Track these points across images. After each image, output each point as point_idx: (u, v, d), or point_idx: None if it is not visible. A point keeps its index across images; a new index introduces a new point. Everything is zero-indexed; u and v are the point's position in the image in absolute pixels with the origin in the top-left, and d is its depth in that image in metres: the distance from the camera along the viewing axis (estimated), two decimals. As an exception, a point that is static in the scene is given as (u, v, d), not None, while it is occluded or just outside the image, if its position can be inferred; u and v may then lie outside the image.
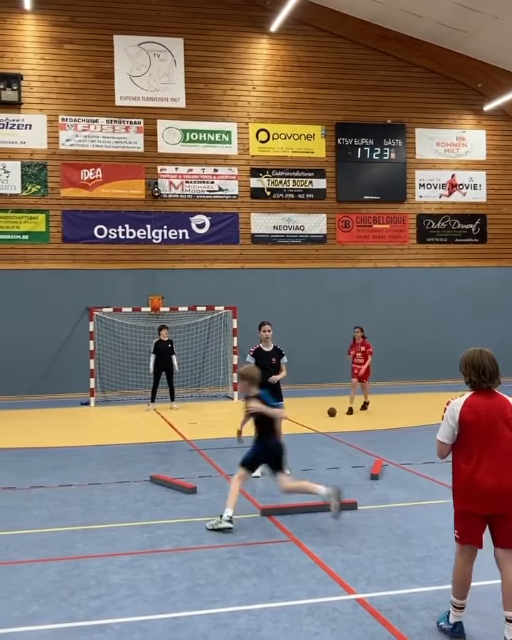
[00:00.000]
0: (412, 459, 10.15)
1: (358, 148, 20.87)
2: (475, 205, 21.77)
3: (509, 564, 4.55)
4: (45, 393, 18.52)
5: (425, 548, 6.34)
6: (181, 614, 5.06)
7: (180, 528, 7.09)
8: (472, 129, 21.72)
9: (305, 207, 20.56)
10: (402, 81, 21.13)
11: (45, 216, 18.99)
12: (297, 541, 6.60)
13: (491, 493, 4.46)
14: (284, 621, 4.89)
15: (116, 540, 6.75)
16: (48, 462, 10.57)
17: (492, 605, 5.03)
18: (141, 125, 19.60)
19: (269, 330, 9.54)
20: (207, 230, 19.89)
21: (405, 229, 21.29)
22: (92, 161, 19.27)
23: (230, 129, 20.13)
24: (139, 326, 18.74)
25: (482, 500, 4.49)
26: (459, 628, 4.62)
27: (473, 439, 4.56)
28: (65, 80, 19.22)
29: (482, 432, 4.54)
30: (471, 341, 22.30)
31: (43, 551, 6.49)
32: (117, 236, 19.33)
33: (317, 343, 19.96)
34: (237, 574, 5.80)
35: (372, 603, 5.15)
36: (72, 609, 5.20)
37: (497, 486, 4.46)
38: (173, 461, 10.34)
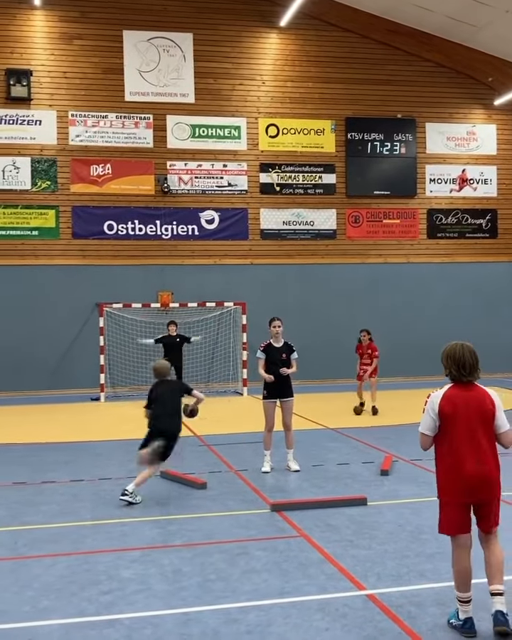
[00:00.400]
0: (422, 455, 10.06)
1: (368, 143, 20.80)
2: (486, 199, 21.67)
3: (491, 545, 4.73)
4: (55, 389, 18.57)
5: (436, 544, 6.32)
6: (191, 609, 5.05)
7: (190, 523, 7.10)
8: (483, 123, 21.61)
9: (315, 202, 20.51)
10: (412, 75, 21.04)
11: (55, 212, 19.01)
12: (307, 537, 6.59)
13: (473, 482, 4.58)
14: (294, 617, 4.88)
15: (127, 535, 6.76)
16: (59, 457, 10.60)
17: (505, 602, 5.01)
18: (150, 120, 19.59)
19: (279, 325, 9.52)
20: (216, 225, 19.88)
21: (415, 224, 21.22)
22: (102, 157, 19.28)
23: (239, 124, 20.10)
24: (148, 321, 18.75)
25: (465, 490, 4.60)
26: (470, 624, 4.60)
27: (454, 430, 4.66)
28: (75, 76, 19.23)
29: (462, 424, 4.65)
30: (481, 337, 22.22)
31: (53, 546, 6.50)
32: (127, 232, 19.35)
33: (327, 338, 19.92)
34: (248, 569, 5.80)
35: (382, 599, 5.14)
36: (82, 603, 5.20)
37: (479, 475, 4.58)
38: (183, 457, 10.33)
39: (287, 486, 8.73)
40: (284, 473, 9.23)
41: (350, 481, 8.74)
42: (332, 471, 9.27)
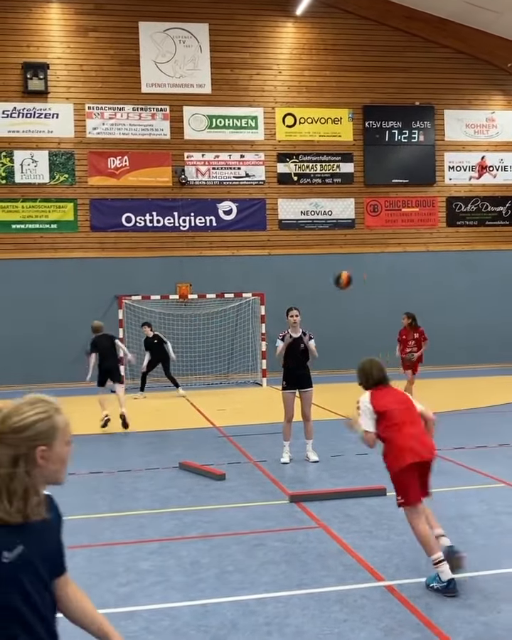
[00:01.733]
0: (441, 445, 9.98)
1: (385, 131, 20.65)
2: (506, 187, 21.45)
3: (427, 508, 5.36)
4: (75, 381, 18.61)
5: (455, 534, 6.26)
6: (209, 600, 5.05)
7: (208, 514, 7.10)
8: (502, 109, 21.38)
9: (333, 191, 20.41)
10: (430, 62, 20.82)
11: (73, 205, 19.06)
12: (326, 527, 6.57)
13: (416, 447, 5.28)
14: (312, 608, 4.87)
15: (145, 527, 6.78)
16: (79, 449, 10.51)
17: None
18: (167, 112, 19.56)
19: (297, 315, 9.48)
20: (234, 216, 19.84)
21: (435, 212, 21.05)
22: (119, 149, 19.29)
23: (256, 114, 20.02)
24: (167, 313, 18.78)
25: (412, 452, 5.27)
26: (453, 584, 4.90)
27: (393, 418, 5.39)
28: (91, 69, 19.23)
29: (397, 412, 5.42)
30: (502, 325, 22.00)
31: (72, 538, 6.47)
32: (145, 224, 19.36)
33: (345, 328, 19.85)
34: (266, 560, 5.79)
35: (401, 590, 5.11)
36: (101, 595, 5.22)
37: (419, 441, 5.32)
38: (202, 448, 10.35)
39: (306, 476, 8.71)
40: (303, 464, 9.22)
41: (369, 471, 8.70)
42: (351, 462, 9.24)
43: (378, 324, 20.21)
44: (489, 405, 13.74)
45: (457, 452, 9.53)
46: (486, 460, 9.01)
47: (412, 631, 4.49)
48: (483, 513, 6.87)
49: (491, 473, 8.36)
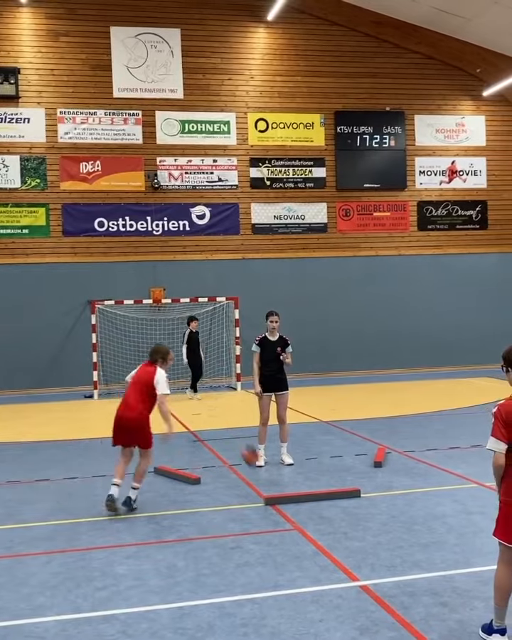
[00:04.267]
0: (414, 446, 10.17)
1: (357, 136, 20.79)
2: (475, 191, 21.70)
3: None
4: (49, 387, 18.57)
5: (429, 534, 6.36)
6: (186, 603, 5.08)
7: (184, 518, 7.12)
8: (471, 114, 21.63)
9: (305, 196, 20.52)
10: (400, 68, 21.03)
11: (45, 210, 18.97)
12: (301, 529, 6.62)
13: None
14: (288, 609, 4.91)
15: (121, 532, 6.79)
16: (53, 455, 10.61)
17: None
18: (139, 117, 19.55)
19: (277, 320, 9.53)
20: (207, 220, 19.87)
21: (406, 216, 21.24)
22: (91, 154, 19.24)
23: (228, 119, 20.07)
24: (141, 318, 18.75)
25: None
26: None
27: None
28: (63, 73, 19.16)
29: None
30: (471, 327, 22.23)
31: (48, 544, 6.52)
32: (118, 228, 19.32)
33: (320, 332, 19.97)
34: (242, 563, 5.83)
35: (376, 590, 5.18)
36: (78, 600, 5.23)
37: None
38: (177, 453, 10.36)
39: (281, 479, 8.76)
40: (278, 467, 9.27)
41: (344, 473, 8.78)
42: (326, 464, 9.30)
43: (351, 328, 20.38)
44: (461, 407, 13.89)
45: (430, 453, 9.64)
46: (458, 461, 9.12)
47: (388, 629, 4.55)
48: (456, 513, 6.96)
49: (464, 473, 8.46)
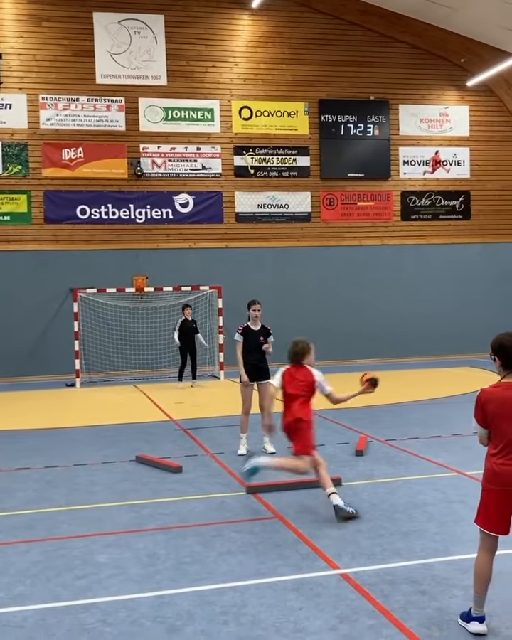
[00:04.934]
0: (396, 435, 10.20)
1: (341, 125, 20.76)
2: (459, 181, 21.74)
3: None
4: (30, 375, 18.47)
5: (410, 523, 6.38)
6: (166, 592, 5.06)
7: (165, 507, 7.10)
8: (455, 104, 21.65)
9: (289, 185, 20.47)
10: (385, 57, 20.99)
11: (26, 197, 18.82)
12: (282, 518, 6.62)
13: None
14: (268, 597, 4.91)
15: (102, 520, 6.75)
16: (34, 444, 10.55)
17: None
18: (122, 103, 19.40)
19: (259, 309, 9.51)
20: (191, 209, 19.78)
21: (389, 206, 21.25)
22: (74, 141, 19.08)
23: (212, 106, 19.97)
24: (123, 306, 18.68)
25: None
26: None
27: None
28: (45, 59, 18.98)
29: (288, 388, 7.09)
30: (453, 317, 22.30)
31: (28, 532, 6.48)
32: (100, 216, 19.20)
33: (303, 321, 19.94)
34: (223, 551, 5.82)
35: (356, 578, 5.18)
36: (57, 589, 5.20)
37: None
38: (159, 441, 10.34)
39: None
40: (260, 456, 9.23)
41: (326, 462, 8.77)
42: (307, 453, 9.29)
43: (335, 317, 20.39)
44: (442, 396, 13.95)
45: (411, 442, 9.67)
46: (439, 450, 9.15)
47: (367, 617, 4.56)
48: (436, 502, 6.98)
49: (445, 462, 8.49)
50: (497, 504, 4.27)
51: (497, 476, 4.27)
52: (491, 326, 21.63)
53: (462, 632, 4.34)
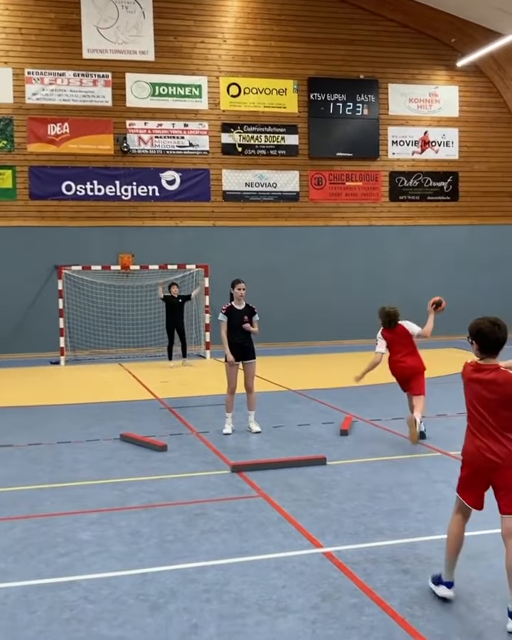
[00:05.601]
0: (381, 415, 10.23)
1: (330, 104, 20.59)
2: (447, 162, 21.67)
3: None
4: (14, 352, 18.37)
5: (393, 502, 6.40)
6: (149, 569, 5.06)
7: (149, 485, 7.09)
8: (445, 85, 21.52)
9: (277, 163, 20.34)
10: (375, 35, 20.79)
11: (11, 172, 18.60)
12: (266, 496, 6.62)
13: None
14: (251, 575, 4.91)
15: (85, 498, 6.74)
16: (17, 421, 10.50)
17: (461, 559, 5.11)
18: (109, 79, 19.15)
19: (244, 288, 9.44)
20: (177, 186, 19.63)
21: (378, 187, 21.17)
22: (60, 116, 18.84)
23: (200, 82, 19.75)
24: (108, 284, 18.57)
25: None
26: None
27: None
28: (31, 32, 18.67)
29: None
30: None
31: (11, 509, 6.46)
32: (86, 192, 19.02)
33: (290, 301, 19.95)
34: (206, 529, 5.82)
35: (339, 556, 5.19)
36: (40, 566, 5.18)
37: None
38: (144, 420, 10.32)
39: (248, 447, 8.76)
40: (245, 435, 9.26)
41: (311, 441, 8.80)
42: (293, 432, 9.32)
43: (321, 297, 20.37)
44: (427, 377, 13.95)
45: (396, 422, 9.69)
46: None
47: (350, 596, 4.57)
48: (420, 482, 7.01)
49: (429, 442, 8.52)
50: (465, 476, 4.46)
51: (465, 452, 4.49)
52: (477, 307, 21.72)
53: (444, 611, 4.36)
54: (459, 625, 4.20)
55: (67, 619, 4.37)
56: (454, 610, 4.37)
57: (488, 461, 4.29)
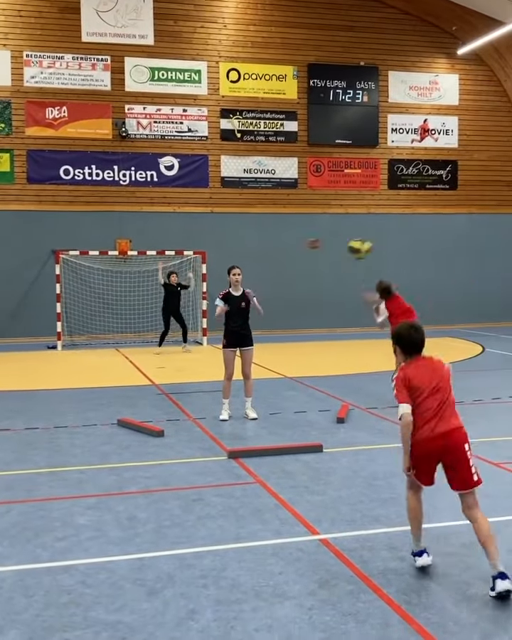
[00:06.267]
0: (377, 404, 10.24)
1: (330, 91, 20.51)
2: (446, 150, 21.61)
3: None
4: (11, 337, 18.35)
5: (389, 490, 6.42)
6: (146, 554, 5.07)
7: (146, 470, 7.10)
8: (445, 73, 21.42)
9: (276, 150, 20.26)
10: (376, 22, 20.67)
11: (9, 156, 18.51)
12: (263, 483, 6.64)
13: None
14: (248, 561, 4.93)
15: (82, 483, 6.75)
16: (14, 405, 10.50)
17: (456, 546, 5.13)
18: (108, 62, 19.03)
19: (239, 274, 9.44)
20: (176, 172, 19.56)
21: (377, 174, 21.11)
22: (58, 99, 18.73)
23: (199, 67, 19.64)
24: (106, 269, 18.53)
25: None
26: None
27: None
28: (30, 15, 18.52)
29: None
30: (439, 287, 22.34)
31: (7, 493, 6.46)
32: (84, 177, 18.94)
33: (287, 288, 19.93)
34: (203, 515, 5.83)
35: (335, 543, 5.21)
36: (36, 550, 5.20)
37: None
38: (141, 405, 10.32)
39: (245, 433, 8.77)
40: (242, 422, 9.27)
41: (308, 428, 8.82)
42: (289, 419, 9.33)
43: (319, 285, 20.36)
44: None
45: (393, 411, 9.63)
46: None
47: (346, 583, 4.59)
48: (416, 470, 7.01)
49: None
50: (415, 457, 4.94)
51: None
52: (474, 296, 21.81)
53: (439, 599, 4.38)
54: (455, 612, 4.22)
55: (65, 603, 4.38)
56: (450, 597, 4.39)
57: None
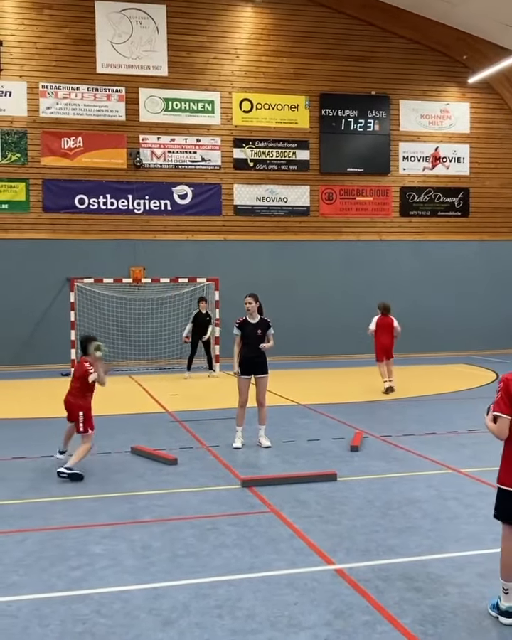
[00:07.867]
0: (391, 431, 10.22)
1: (342, 120, 20.71)
2: (458, 178, 21.73)
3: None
4: (26, 364, 18.45)
5: (404, 519, 6.40)
6: (161, 584, 5.07)
7: (160, 498, 7.11)
8: (456, 101, 21.61)
9: (288, 178, 20.43)
10: (387, 52, 20.93)
11: (25, 185, 18.75)
12: (277, 512, 6.63)
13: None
14: (263, 591, 4.92)
15: (97, 511, 6.75)
16: (31, 433, 10.54)
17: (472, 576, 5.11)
18: (122, 93, 19.33)
19: (250, 302, 9.49)
20: (189, 200, 19.74)
21: (388, 202, 21.23)
22: (73, 130, 19.01)
23: (213, 98, 19.90)
24: (120, 297, 18.65)
25: None
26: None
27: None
28: (45, 47, 18.88)
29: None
30: (450, 314, 22.29)
31: (23, 522, 6.48)
32: (98, 206, 19.15)
33: (300, 315, 19.97)
34: (218, 544, 5.83)
35: (350, 573, 5.19)
36: (52, 579, 5.20)
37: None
38: (154, 433, 10.34)
39: (258, 461, 8.77)
40: (255, 449, 9.27)
41: (321, 457, 8.80)
42: (303, 447, 9.32)
43: (332, 311, 20.40)
44: (438, 393, 13.97)
45: (407, 439, 9.68)
46: (434, 447, 9.17)
47: (362, 613, 4.57)
48: (431, 499, 7.00)
49: (440, 459, 8.51)
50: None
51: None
52: (487, 323, 21.76)
53: (455, 629, 4.35)
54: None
55: (80, 633, 4.38)
56: (466, 628, 4.37)
57: None
